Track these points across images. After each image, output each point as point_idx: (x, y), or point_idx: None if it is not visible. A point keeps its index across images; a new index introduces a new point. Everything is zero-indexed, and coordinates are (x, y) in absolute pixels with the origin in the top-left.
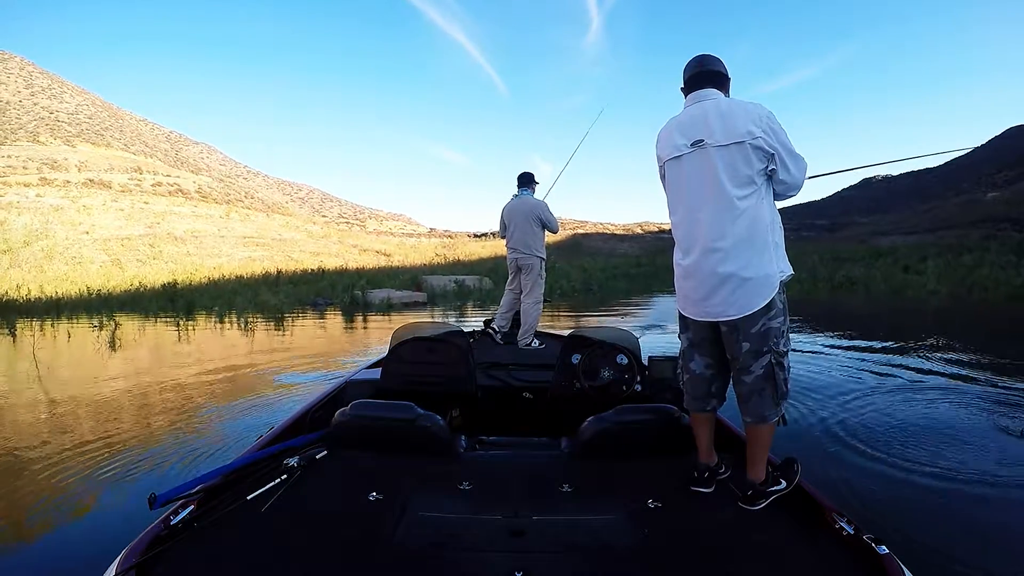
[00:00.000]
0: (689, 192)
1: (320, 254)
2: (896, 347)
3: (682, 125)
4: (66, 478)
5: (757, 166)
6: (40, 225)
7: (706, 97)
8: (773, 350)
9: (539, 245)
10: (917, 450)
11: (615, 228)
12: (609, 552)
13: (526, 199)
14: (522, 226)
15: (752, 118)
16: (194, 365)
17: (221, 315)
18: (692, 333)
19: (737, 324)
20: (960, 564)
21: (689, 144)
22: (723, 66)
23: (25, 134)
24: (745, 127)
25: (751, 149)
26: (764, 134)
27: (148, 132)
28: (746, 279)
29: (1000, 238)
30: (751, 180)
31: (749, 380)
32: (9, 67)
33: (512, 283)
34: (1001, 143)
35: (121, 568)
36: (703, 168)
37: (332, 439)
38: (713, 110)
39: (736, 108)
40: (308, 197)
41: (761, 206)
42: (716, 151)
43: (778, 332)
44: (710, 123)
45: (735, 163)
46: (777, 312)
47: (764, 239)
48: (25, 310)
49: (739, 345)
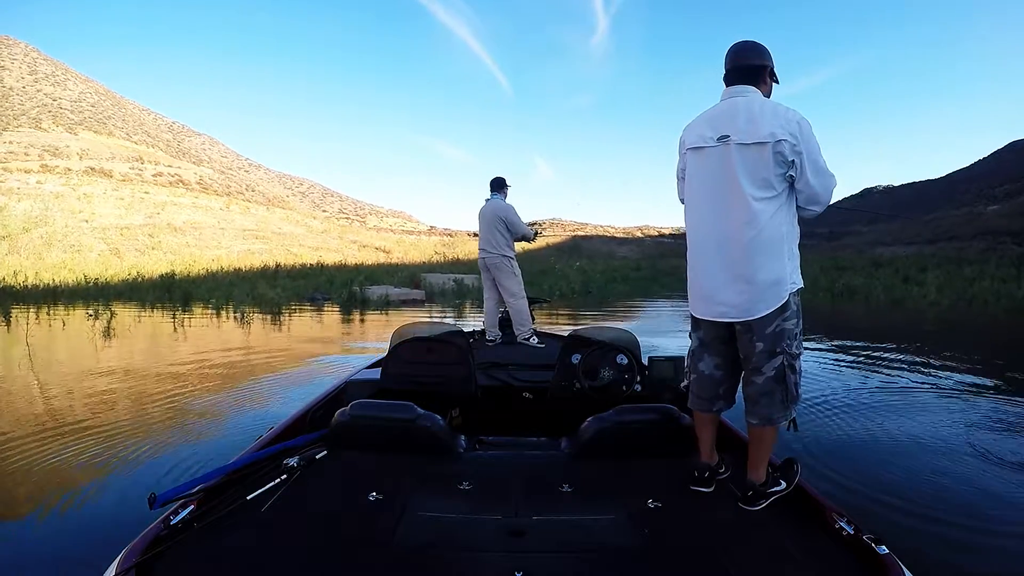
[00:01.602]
0: (706, 188)
1: (320, 249)
2: (898, 356)
3: (712, 119)
4: (65, 477)
5: (777, 170)
6: (40, 212)
7: (741, 93)
8: (786, 351)
9: (505, 246)
10: (918, 453)
11: (615, 231)
12: (609, 552)
13: (494, 203)
14: (488, 228)
15: (780, 121)
16: (185, 356)
17: (217, 308)
18: (703, 332)
19: (751, 324)
20: (960, 564)
21: (715, 138)
22: (764, 56)
23: (27, 120)
24: (770, 129)
25: (772, 152)
26: (789, 138)
27: (151, 122)
28: (757, 282)
29: (1000, 251)
30: (770, 184)
31: (760, 381)
32: (13, 53)
33: (489, 290)
34: (1002, 156)
35: (121, 568)
36: (723, 164)
37: (332, 439)
38: (744, 108)
39: (767, 109)
40: (309, 192)
41: (779, 213)
42: (738, 149)
43: (791, 334)
44: (738, 120)
45: (755, 164)
46: (791, 314)
47: (779, 246)
48: (21, 297)
49: (753, 345)
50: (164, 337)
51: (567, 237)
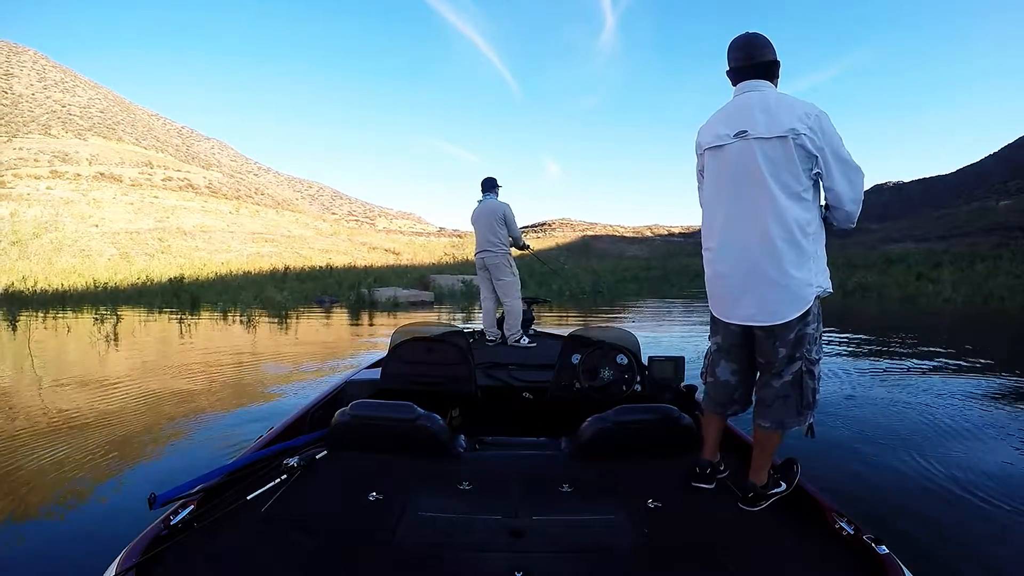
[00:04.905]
0: (727, 185)
1: (329, 251)
2: (915, 352)
3: (728, 115)
4: (65, 477)
5: (800, 166)
6: (50, 217)
7: (754, 88)
8: (805, 357)
9: (505, 244)
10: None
11: (625, 231)
12: (609, 552)
13: (489, 202)
14: (487, 227)
15: (799, 115)
16: (187, 359)
17: (224, 311)
18: (722, 338)
19: (774, 329)
20: (960, 564)
21: (732, 135)
22: (772, 51)
23: (37, 127)
24: (790, 123)
25: (794, 146)
26: (810, 131)
27: (160, 127)
28: (780, 285)
29: (1013, 246)
30: (795, 180)
31: (777, 385)
32: (23, 60)
33: (486, 289)
34: (1013, 151)
35: (121, 568)
36: (744, 160)
37: (332, 439)
38: (759, 102)
39: (784, 102)
40: (318, 194)
41: (803, 211)
42: (758, 144)
43: (812, 339)
44: (755, 115)
45: (777, 159)
46: (813, 318)
47: (802, 246)
48: (30, 301)
49: (776, 351)
50: (167, 340)
51: (577, 237)
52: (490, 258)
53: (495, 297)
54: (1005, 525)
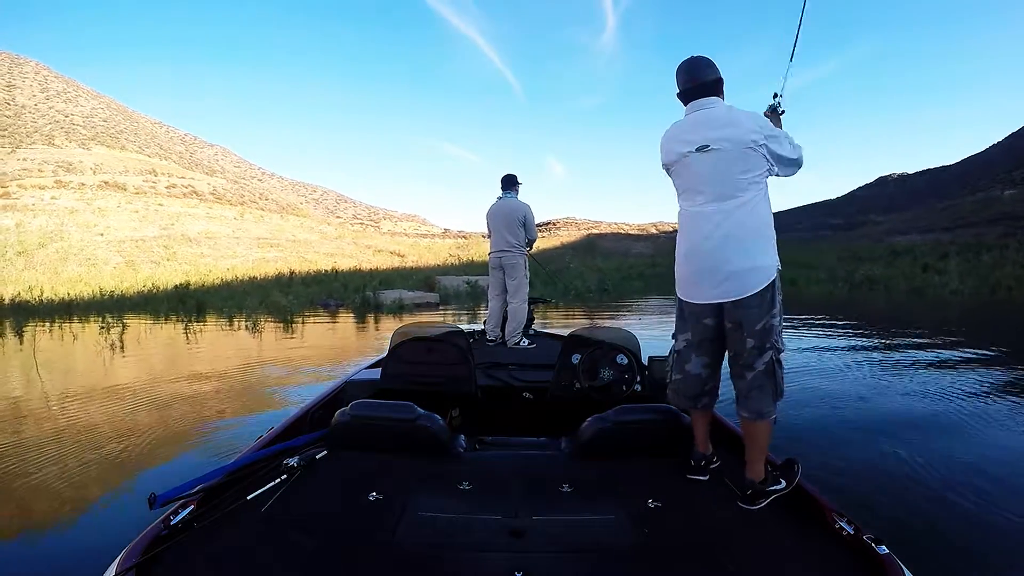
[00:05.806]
0: (695, 188)
1: (334, 255)
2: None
3: (684, 131)
4: (65, 478)
5: (758, 169)
6: (55, 227)
7: (707, 105)
8: (774, 347)
9: (522, 245)
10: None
11: (629, 228)
12: (609, 552)
13: (509, 201)
14: (506, 227)
15: (751, 124)
16: (188, 363)
17: (230, 316)
18: (692, 334)
19: (742, 321)
20: (960, 564)
21: (694, 148)
22: (714, 70)
23: (40, 137)
24: (750, 136)
25: (755, 155)
26: (761, 138)
27: (163, 135)
28: (748, 267)
29: (1019, 236)
30: (753, 181)
31: (751, 376)
32: (24, 71)
33: (496, 288)
34: (1017, 140)
35: (121, 568)
36: (708, 168)
37: (332, 439)
38: (715, 117)
39: (736, 114)
40: (323, 198)
41: (762, 204)
42: (720, 154)
43: (778, 330)
44: (714, 129)
45: (738, 165)
46: (777, 311)
47: (765, 233)
48: (36, 311)
49: (744, 342)
50: (172, 346)
51: (582, 235)
52: (508, 258)
53: (503, 297)
54: (1005, 525)
